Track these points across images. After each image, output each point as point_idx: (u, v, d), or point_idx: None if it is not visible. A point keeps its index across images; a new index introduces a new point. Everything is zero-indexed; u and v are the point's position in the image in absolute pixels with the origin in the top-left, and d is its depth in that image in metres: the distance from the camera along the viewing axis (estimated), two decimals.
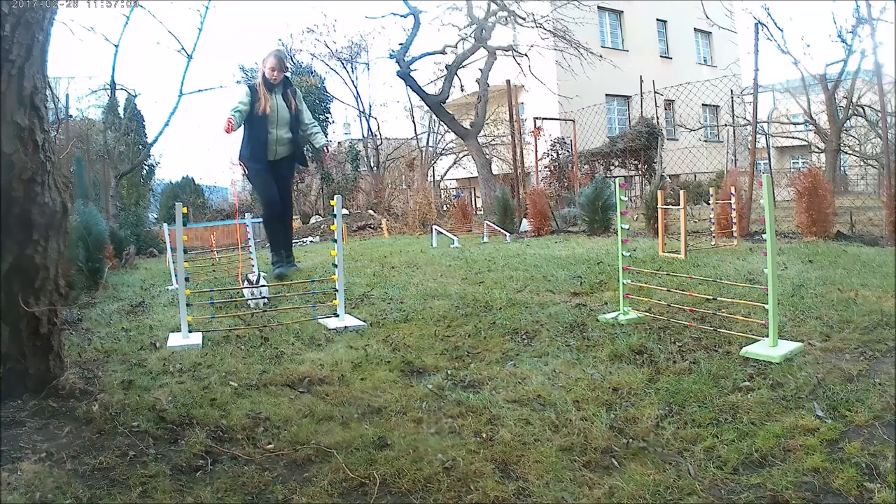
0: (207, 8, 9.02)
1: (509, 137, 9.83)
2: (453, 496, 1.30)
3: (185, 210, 2.64)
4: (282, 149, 4.78)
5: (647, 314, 2.74)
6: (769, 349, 2.07)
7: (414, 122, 18.33)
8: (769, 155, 12.74)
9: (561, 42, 12.53)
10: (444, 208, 12.42)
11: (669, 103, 15.00)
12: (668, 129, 15.84)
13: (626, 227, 2.81)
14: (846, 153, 15.60)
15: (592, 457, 1.44)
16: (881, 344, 2.11)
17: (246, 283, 3.48)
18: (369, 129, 16.99)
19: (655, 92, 11.10)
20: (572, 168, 11.74)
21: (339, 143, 18.22)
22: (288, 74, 4.69)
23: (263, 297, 3.45)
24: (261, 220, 5.54)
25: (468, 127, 13.08)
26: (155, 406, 1.81)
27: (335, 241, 2.97)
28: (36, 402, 1.79)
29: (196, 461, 1.49)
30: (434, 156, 17.86)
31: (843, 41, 13.54)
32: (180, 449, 1.55)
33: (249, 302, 3.46)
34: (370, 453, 1.50)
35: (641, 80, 11.18)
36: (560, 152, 13.30)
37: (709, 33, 21.75)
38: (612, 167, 13.83)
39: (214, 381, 2.06)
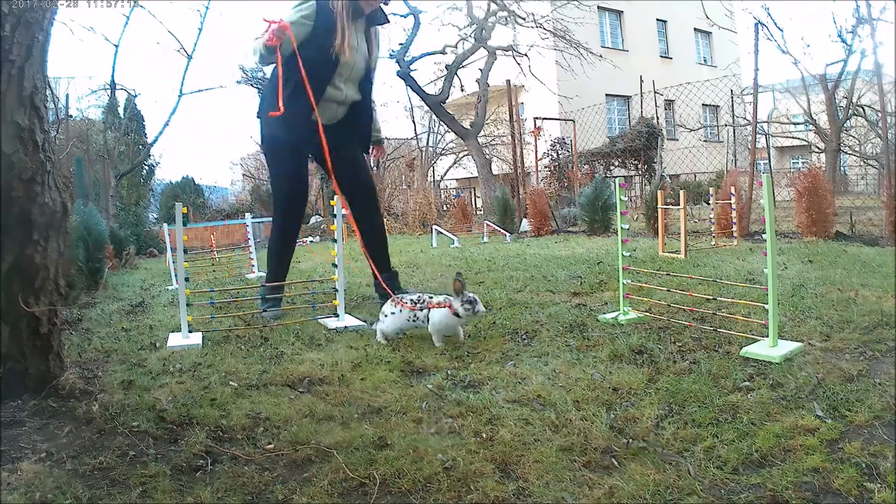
0: (207, 8, 9.05)
1: (509, 137, 9.83)
2: (453, 496, 1.30)
3: (185, 210, 2.64)
4: (342, 110, 3.16)
5: (647, 314, 2.74)
6: (769, 349, 2.07)
7: (414, 122, 18.32)
8: (769, 155, 12.74)
9: (561, 42, 12.55)
10: (444, 208, 12.41)
11: (669, 103, 15.02)
12: (668, 129, 15.85)
13: (626, 227, 2.81)
14: (846, 153, 15.60)
15: (592, 457, 1.44)
16: (881, 344, 2.11)
17: (465, 304, 2.38)
18: None
19: (655, 92, 11.11)
20: (572, 168, 11.74)
21: None
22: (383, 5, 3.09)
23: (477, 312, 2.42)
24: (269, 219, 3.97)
25: (468, 127, 13.09)
26: (155, 406, 1.81)
27: (335, 241, 2.97)
28: (36, 402, 1.79)
29: (196, 461, 1.49)
30: (434, 156, 17.86)
31: (843, 41, 13.55)
32: (180, 449, 1.55)
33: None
34: (370, 453, 1.50)
35: (641, 80, 11.19)
36: (560, 152, 13.31)
37: (709, 33, 21.78)
38: (612, 167, 13.85)
39: (214, 381, 2.06)
